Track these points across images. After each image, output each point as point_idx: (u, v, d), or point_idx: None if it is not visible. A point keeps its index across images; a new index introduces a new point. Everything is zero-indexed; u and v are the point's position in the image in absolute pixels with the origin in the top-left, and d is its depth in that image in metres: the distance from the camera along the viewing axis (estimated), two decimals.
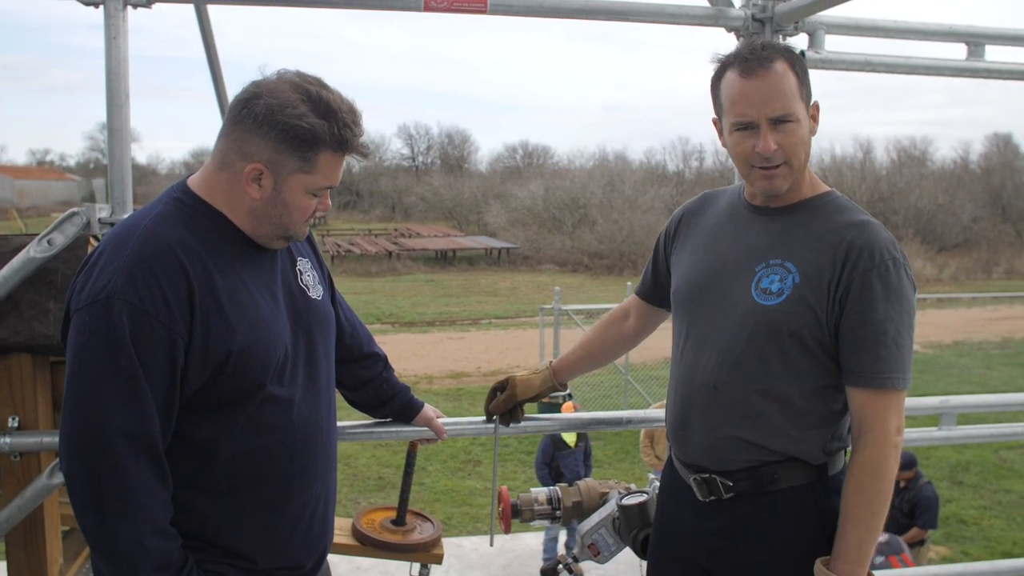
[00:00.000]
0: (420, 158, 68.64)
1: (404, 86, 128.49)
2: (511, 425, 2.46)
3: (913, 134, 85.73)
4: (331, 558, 2.11)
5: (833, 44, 2.54)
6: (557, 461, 7.64)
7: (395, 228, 45.94)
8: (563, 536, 7.81)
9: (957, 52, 2.66)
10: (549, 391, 2.44)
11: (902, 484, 7.31)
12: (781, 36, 2.47)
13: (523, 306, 24.14)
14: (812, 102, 1.93)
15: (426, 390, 14.02)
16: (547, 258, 35.32)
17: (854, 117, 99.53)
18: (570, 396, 10.77)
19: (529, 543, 7.99)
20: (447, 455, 10.81)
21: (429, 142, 69.09)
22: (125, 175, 2.30)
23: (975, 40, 2.63)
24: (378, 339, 2.28)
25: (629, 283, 14.75)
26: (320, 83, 1.72)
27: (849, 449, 1.93)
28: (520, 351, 17.46)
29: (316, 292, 1.94)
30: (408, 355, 16.71)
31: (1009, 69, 2.72)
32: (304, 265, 1.94)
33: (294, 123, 1.65)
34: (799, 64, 1.90)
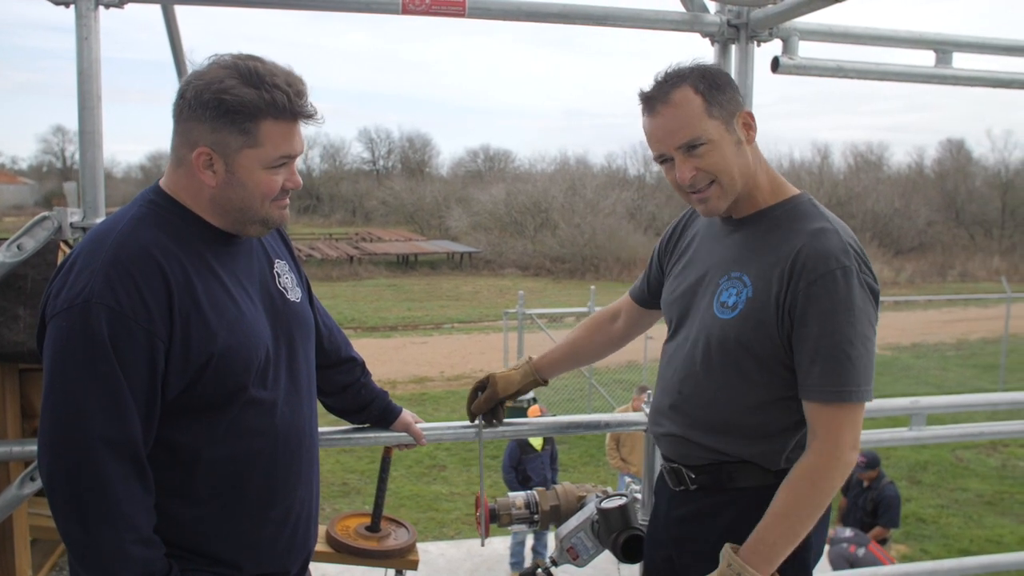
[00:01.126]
0: (381, 162, 68.31)
1: (364, 89, 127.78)
2: (493, 428, 2.45)
3: (870, 139, 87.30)
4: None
5: (807, 50, 2.58)
6: (524, 465, 7.64)
7: (356, 232, 45.69)
8: (530, 540, 7.81)
9: (926, 59, 2.73)
10: (531, 386, 2.42)
11: (865, 484, 7.42)
12: (756, 42, 2.51)
13: (486, 310, 24.15)
14: (741, 111, 1.90)
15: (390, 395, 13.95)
16: (509, 262, 35.36)
17: (812, 123, 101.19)
18: (534, 400, 10.81)
19: (496, 547, 7.97)
20: (412, 460, 10.75)
21: (390, 146, 68.82)
22: (97, 178, 2.25)
23: (943, 48, 2.67)
24: None
25: (592, 287, 14.80)
26: (253, 57, 1.69)
27: None
28: (483, 355, 17.45)
29: (295, 295, 1.91)
30: (371, 360, 16.38)
31: (975, 76, 2.78)
32: (282, 267, 1.92)
33: (222, 97, 1.62)
34: (707, 82, 1.87)
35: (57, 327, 1.59)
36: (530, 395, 11.73)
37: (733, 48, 2.53)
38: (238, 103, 1.62)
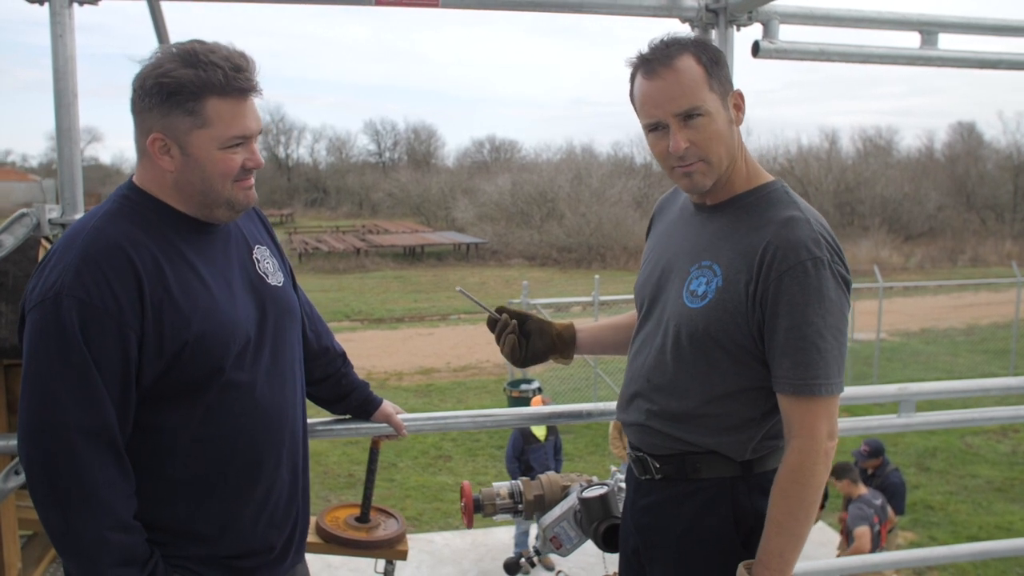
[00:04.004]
0: (387, 154, 68.36)
1: (369, 82, 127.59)
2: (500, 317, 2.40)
3: (879, 123, 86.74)
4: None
5: (788, 34, 2.55)
6: (527, 455, 7.66)
7: (363, 225, 45.75)
8: (535, 530, 7.83)
9: (911, 40, 2.69)
10: (560, 342, 2.34)
11: (870, 471, 7.41)
12: (735, 26, 2.48)
13: (492, 301, 23.80)
14: (733, 91, 1.88)
15: (395, 386, 13.99)
16: (516, 252, 35.30)
17: (820, 107, 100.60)
18: (540, 390, 10.84)
19: (501, 537, 8.01)
20: (417, 451, 10.79)
21: (395, 138, 68.83)
22: (75, 175, 2.26)
23: (929, 28, 2.64)
24: (347, 336, 2.28)
25: (597, 276, 14.78)
26: (195, 40, 1.73)
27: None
28: (490, 346, 17.24)
29: (276, 279, 1.94)
30: (377, 352, 16.65)
31: (962, 57, 2.74)
32: (262, 253, 1.94)
33: (162, 81, 1.66)
34: (708, 55, 1.85)
35: (32, 321, 1.65)
36: (535, 384, 11.76)
37: (713, 33, 2.51)
38: (177, 84, 1.65)
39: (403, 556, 2.71)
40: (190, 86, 1.66)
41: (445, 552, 7.74)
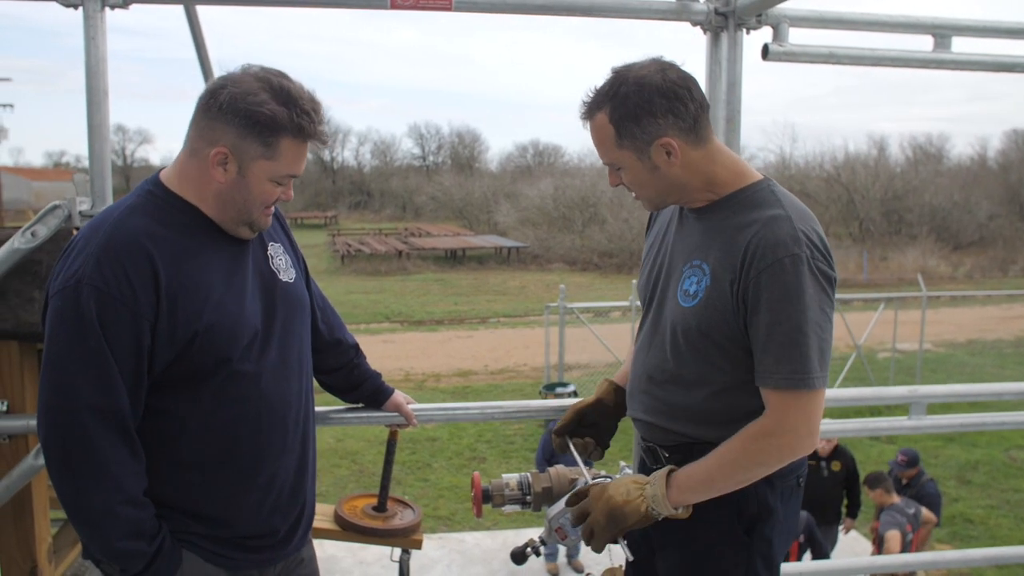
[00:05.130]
0: (431, 158, 68.84)
1: (414, 86, 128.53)
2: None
3: (929, 130, 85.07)
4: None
5: (797, 37, 2.57)
6: (557, 459, 7.64)
7: (405, 227, 46.11)
8: None
9: (923, 44, 2.69)
10: (611, 397, 2.39)
11: (904, 481, 7.31)
12: (745, 29, 2.51)
13: (532, 305, 24.17)
14: (660, 140, 1.87)
15: (433, 388, 14.10)
16: (557, 257, 35.30)
17: (868, 114, 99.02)
18: (575, 394, 10.84)
19: (531, 537, 8.04)
20: (452, 452, 10.88)
21: (440, 141, 69.30)
22: (104, 170, 2.38)
23: (941, 32, 2.63)
24: (386, 337, 2.37)
25: (634, 281, 14.72)
26: (281, 74, 1.82)
27: None
28: (528, 349, 17.50)
29: (287, 275, 2.02)
30: (416, 354, 16.79)
31: (975, 60, 2.73)
32: (276, 250, 2.03)
33: (256, 110, 1.74)
34: (623, 111, 1.87)
35: (54, 306, 1.74)
36: (571, 388, 11.72)
37: (723, 36, 2.54)
38: (267, 118, 1.75)
39: (418, 545, 2.77)
40: (277, 124, 1.76)
41: (475, 552, 7.81)
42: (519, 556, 2.52)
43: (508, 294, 27.26)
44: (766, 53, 2.50)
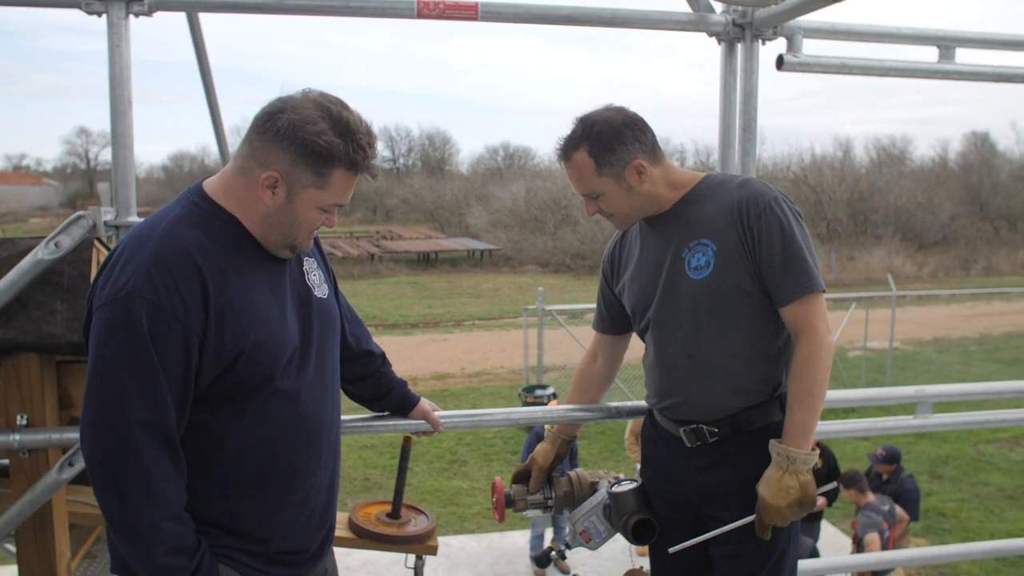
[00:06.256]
0: (401, 160, 68.57)
1: (384, 88, 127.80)
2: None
3: (893, 133, 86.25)
4: None
5: (811, 48, 2.64)
6: None
7: (377, 230, 45.88)
8: (549, 533, 7.89)
9: (929, 55, 2.77)
10: (565, 447, 2.66)
11: (885, 477, 7.42)
12: (761, 40, 2.57)
13: (506, 307, 24.21)
14: (631, 163, 2.25)
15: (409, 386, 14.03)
16: (529, 259, 35.36)
17: (834, 117, 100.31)
18: (554, 395, 10.89)
19: (516, 541, 8.06)
20: (433, 456, 10.85)
21: (410, 144, 69.06)
22: (129, 178, 2.37)
23: (946, 43, 2.73)
24: None
25: None
26: (341, 103, 1.80)
27: None
28: (504, 352, 17.53)
29: (321, 291, 2.01)
30: (392, 357, 16.26)
31: (978, 71, 2.82)
32: (310, 265, 2.02)
33: (313, 139, 1.73)
34: (599, 145, 2.24)
35: (102, 317, 1.70)
36: (550, 390, 11.78)
37: (739, 47, 2.60)
38: (324, 150, 1.74)
39: (433, 551, 2.79)
40: (333, 155, 1.75)
41: (461, 555, 7.79)
42: (543, 559, 2.56)
43: (482, 296, 27.25)
44: (781, 63, 2.57)
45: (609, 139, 2.24)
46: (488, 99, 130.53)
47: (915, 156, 51.13)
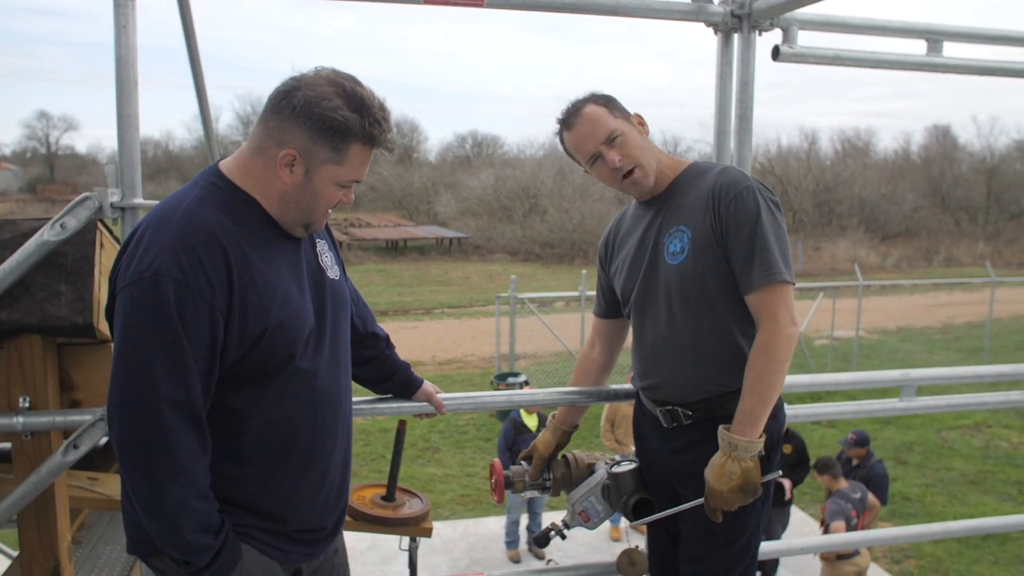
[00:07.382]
0: None
1: (352, 74, 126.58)
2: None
3: (857, 125, 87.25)
4: None
5: (806, 39, 2.71)
6: (519, 445, 7.73)
7: (345, 218, 45.55)
8: (524, 519, 7.96)
9: (918, 48, 2.85)
10: (565, 437, 2.68)
11: (855, 462, 7.55)
12: (758, 31, 2.63)
13: (476, 295, 24.24)
14: (633, 115, 2.37)
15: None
16: (498, 247, 35.44)
17: (799, 108, 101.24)
18: (527, 383, 10.94)
19: (491, 527, 8.13)
20: (406, 443, 10.81)
21: None
22: (134, 161, 2.35)
23: (934, 37, 2.81)
24: None
25: (584, 271, 14.91)
26: (354, 79, 1.82)
27: None
28: (474, 340, 17.57)
29: (334, 272, 2.04)
30: None
31: (965, 64, 2.91)
32: (323, 247, 2.04)
33: (329, 115, 1.75)
34: (603, 99, 2.35)
35: (128, 297, 1.70)
36: (522, 378, 11.79)
37: (735, 37, 2.66)
38: (341, 124, 1.76)
39: (428, 534, 2.82)
40: (349, 130, 1.77)
41: (436, 542, 7.82)
42: (542, 539, 2.60)
43: (451, 284, 27.26)
44: (776, 54, 2.62)
45: (610, 97, 2.37)
46: (457, 86, 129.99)
47: (879, 148, 52.02)
